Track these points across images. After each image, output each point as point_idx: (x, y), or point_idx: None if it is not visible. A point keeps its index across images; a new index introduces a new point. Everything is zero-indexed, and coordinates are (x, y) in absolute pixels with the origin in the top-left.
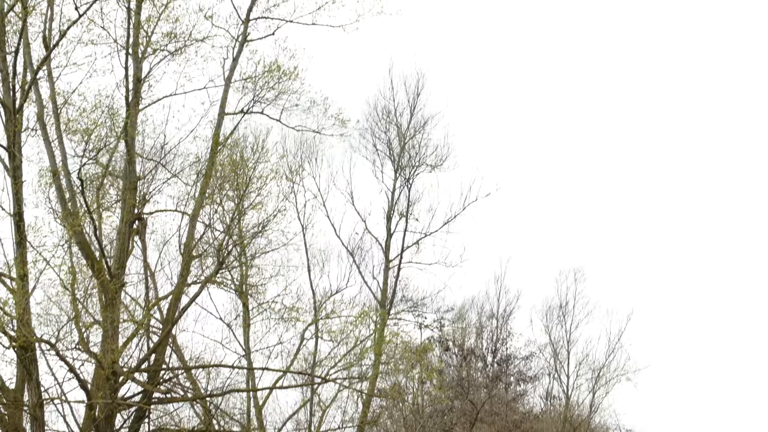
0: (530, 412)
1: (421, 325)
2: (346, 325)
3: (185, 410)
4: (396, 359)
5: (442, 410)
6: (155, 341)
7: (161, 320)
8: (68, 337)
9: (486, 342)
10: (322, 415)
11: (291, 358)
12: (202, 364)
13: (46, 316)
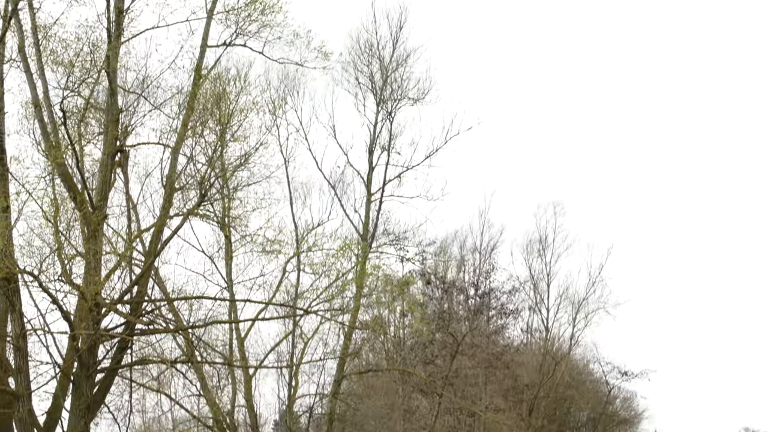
0: (511, 345)
1: (402, 258)
2: (327, 257)
3: (167, 342)
4: (377, 292)
5: (423, 342)
6: (137, 273)
7: (143, 252)
8: (51, 268)
9: (468, 275)
10: (304, 347)
11: (273, 291)
12: (185, 296)
13: (29, 247)
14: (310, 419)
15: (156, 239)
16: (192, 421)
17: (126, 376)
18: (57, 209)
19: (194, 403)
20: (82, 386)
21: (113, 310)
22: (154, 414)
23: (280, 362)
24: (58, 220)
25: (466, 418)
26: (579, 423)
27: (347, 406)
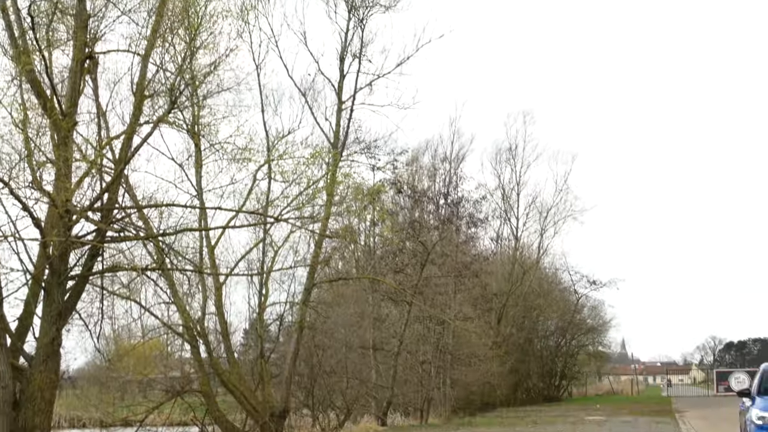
0: (480, 255)
1: (373, 167)
2: (298, 165)
3: (138, 250)
4: (348, 200)
5: (393, 251)
6: (108, 181)
7: (114, 160)
8: (21, 175)
9: (438, 185)
10: (274, 255)
11: (243, 199)
12: (155, 203)
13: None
14: (280, 327)
15: (126, 146)
16: (162, 328)
17: (96, 283)
18: (26, 115)
19: (164, 311)
20: (53, 293)
21: (84, 218)
22: (124, 321)
23: (251, 270)
24: (28, 127)
25: (436, 327)
26: (547, 331)
27: (317, 314)
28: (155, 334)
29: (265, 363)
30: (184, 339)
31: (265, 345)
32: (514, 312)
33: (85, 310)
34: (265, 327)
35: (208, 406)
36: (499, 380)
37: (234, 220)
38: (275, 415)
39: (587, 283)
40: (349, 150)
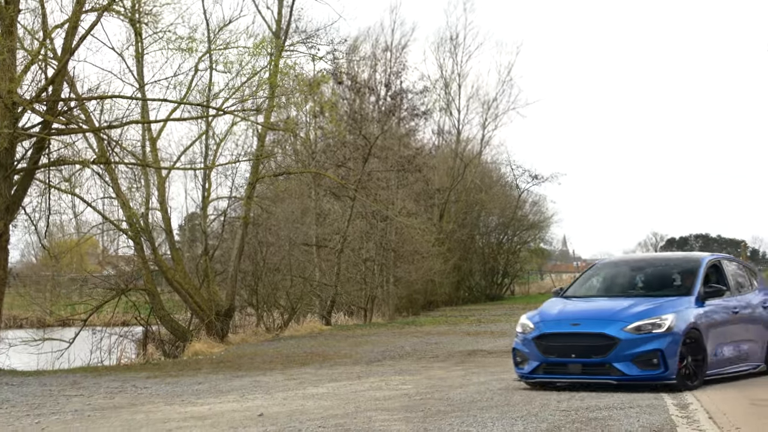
0: (423, 148)
1: (314, 57)
2: (242, 56)
3: (80, 144)
4: (290, 92)
5: (335, 145)
6: (53, 72)
7: (53, 52)
8: None
9: (380, 75)
10: (217, 148)
11: (185, 90)
12: (100, 95)
13: None
14: (224, 222)
15: (71, 36)
16: (105, 224)
17: (40, 178)
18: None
19: (107, 207)
20: (0, 187)
21: (30, 109)
22: (67, 217)
23: (194, 163)
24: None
25: (379, 223)
26: (489, 228)
27: (261, 209)
28: (98, 230)
29: (209, 260)
30: (127, 235)
31: (209, 242)
32: (456, 208)
33: (30, 205)
34: (209, 223)
35: (152, 305)
36: (441, 278)
37: (177, 112)
38: (221, 314)
39: (529, 177)
40: (291, 39)
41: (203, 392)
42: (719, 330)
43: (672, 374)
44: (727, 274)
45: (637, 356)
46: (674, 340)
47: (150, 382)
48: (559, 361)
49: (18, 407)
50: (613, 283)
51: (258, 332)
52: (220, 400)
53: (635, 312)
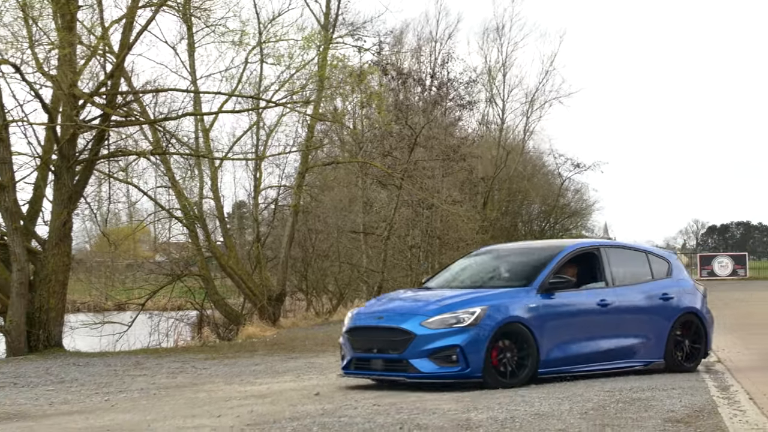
0: (467, 138)
1: (361, 49)
2: (291, 48)
3: (138, 135)
4: (338, 83)
5: (381, 135)
6: (112, 67)
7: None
8: (31, 61)
9: (425, 66)
10: (268, 138)
11: (236, 83)
12: (156, 88)
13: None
14: (275, 210)
15: (128, 32)
16: (159, 211)
17: (100, 169)
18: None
19: (162, 195)
20: (63, 177)
21: (90, 102)
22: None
23: (245, 153)
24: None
25: (424, 211)
26: (531, 215)
27: (311, 198)
28: (152, 218)
29: (260, 247)
30: (182, 223)
31: (260, 229)
32: (500, 196)
33: (90, 194)
34: (260, 211)
35: (207, 290)
36: None
37: (229, 104)
38: (272, 299)
39: (571, 166)
40: (339, 32)
41: (260, 372)
42: (570, 324)
43: (476, 372)
44: (607, 263)
45: (433, 352)
46: (479, 336)
47: (208, 363)
48: (364, 356)
49: (86, 386)
50: (471, 273)
51: (308, 317)
52: (277, 380)
53: (441, 306)
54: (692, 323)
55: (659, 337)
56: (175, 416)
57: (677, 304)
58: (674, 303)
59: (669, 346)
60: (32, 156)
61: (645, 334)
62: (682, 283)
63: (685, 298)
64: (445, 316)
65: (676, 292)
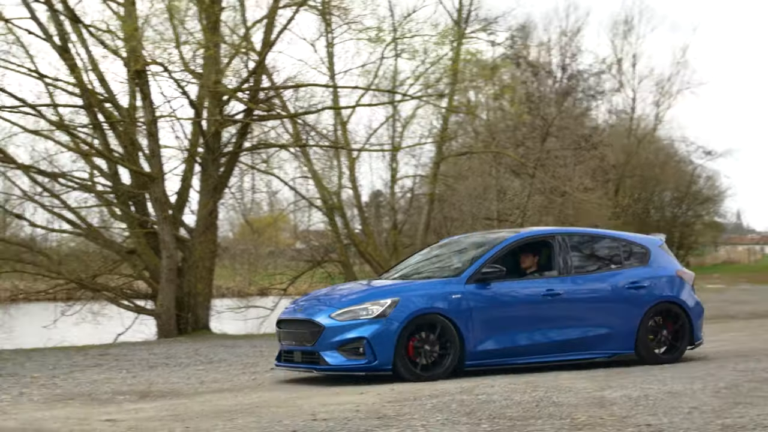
0: (598, 127)
1: (493, 43)
2: (426, 44)
3: (279, 128)
4: (471, 76)
5: (514, 125)
6: (251, 65)
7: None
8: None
9: (556, 58)
10: (403, 130)
11: (372, 77)
12: (296, 83)
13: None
14: (411, 199)
15: (269, 30)
16: (299, 201)
17: (243, 161)
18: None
19: (302, 185)
20: (209, 168)
21: (234, 98)
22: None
23: (381, 145)
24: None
25: (557, 198)
26: (663, 202)
27: (446, 186)
28: (293, 207)
29: (397, 234)
30: (321, 211)
31: (397, 217)
32: (631, 183)
33: (234, 185)
34: (396, 200)
35: (346, 275)
36: None
37: (366, 98)
38: None
39: (703, 153)
40: (471, 27)
41: None
42: (507, 315)
43: (384, 364)
44: (562, 252)
45: (341, 344)
46: (387, 328)
47: None
48: (287, 348)
49: (234, 366)
50: (424, 264)
51: None
52: None
53: (352, 298)
54: (671, 312)
55: (627, 327)
56: (319, 394)
57: (650, 293)
58: (646, 292)
59: (641, 336)
60: (180, 149)
61: (607, 324)
62: (660, 271)
63: (661, 286)
64: (353, 308)
65: (650, 280)
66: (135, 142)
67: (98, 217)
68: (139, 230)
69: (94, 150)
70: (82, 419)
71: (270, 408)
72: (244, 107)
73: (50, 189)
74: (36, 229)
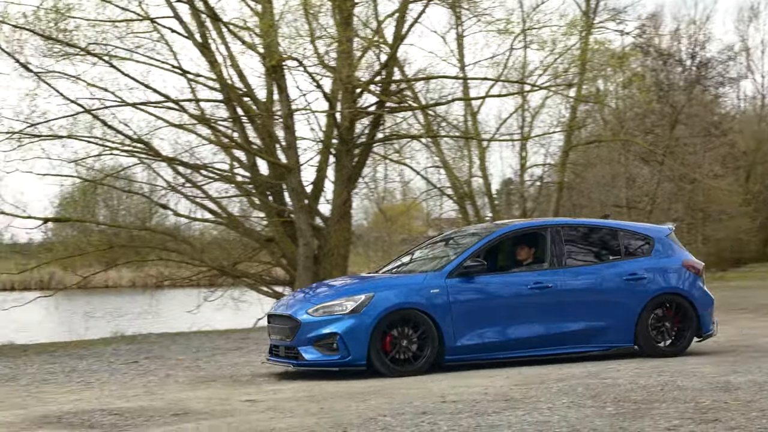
0: (727, 114)
1: (622, 32)
2: (554, 34)
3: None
4: (600, 66)
5: (643, 113)
6: (383, 58)
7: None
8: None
9: (684, 46)
10: (532, 120)
11: (501, 69)
12: (427, 75)
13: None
14: (540, 187)
15: (400, 24)
16: (431, 189)
17: (376, 151)
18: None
19: (433, 174)
20: (343, 159)
21: (367, 90)
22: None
23: (511, 134)
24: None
25: (686, 185)
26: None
27: (574, 175)
28: (424, 196)
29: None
30: (452, 200)
31: (526, 205)
32: (763, 170)
33: (368, 175)
34: (526, 188)
35: None
36: (749, 236)
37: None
38: None
39: None
40: (600, 17)
41: None
42: (491, 309)
43: (358, 360)
44: (554, 244)
45: (317, 340)
46: (361, 323)
47: None
48: (274, 343)
49: None
50: (419, 258)
51: None
52: None
53: (329, 293)
54: (674, 304)
55: (625, 320)
56: (449, 377)
57: (651, 284)
58: (646, 283)
59: (641, 329)
60: (315, 141)
61: (602, 317)
62: (664, 262)
63: (664, 277)
64: (328, 303)
65: (652, 271)
66: (272, 135)
67: (238, 207)
68: (276, 219)
69: (233, 142)
70: (223, 399)
71: (401, 390)
72: (376, 99)
73: (192, 180)
74: (179, 218)
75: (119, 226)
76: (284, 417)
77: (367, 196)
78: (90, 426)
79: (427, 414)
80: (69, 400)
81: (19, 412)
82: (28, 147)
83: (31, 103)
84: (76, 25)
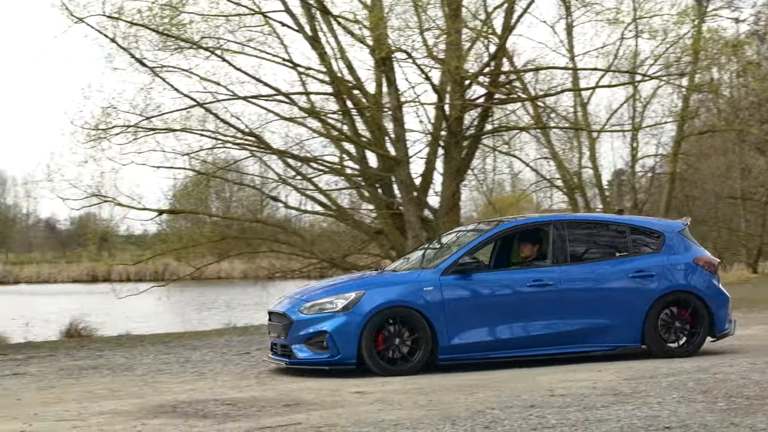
0: None
1: (736, 20)
2: (666, 23)
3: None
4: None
5: (759, 102)
6: (492, 49)
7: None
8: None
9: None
10: (643, 110)
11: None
12: (536, 66)
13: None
14: (652, 178)
15: (509, 15)
16: (540, 181)
17: (485, 143)
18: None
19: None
20: (452, 152)
21: (476, 82)
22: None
23: (621, 125)
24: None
25: None
26: None
27: (687, 165)
28: (533, 188)
29: (639, 213)
30: (562, 191)
31: (637, 196)
32: None
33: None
34: (637, 179)
35: None
36: None
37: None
38: None
39: None
40: (713, 5)
41: None
42: (488, 308)
43: (348, 359)
44: (557, 240)
45: (308, 338)
46: (351, 321)
47: None
48: (273, 341)
49: None
50: (428, 256)
51: None
52: None
53: (321, 291)
54: (685, 302)
55: (631, 318)
56: (557, 371)
57: (661, 281)
58: (655, 280)
59: (648, 328)
60: (423, 133)
61: (607, 315)
62: (674, 259)
63: (675, 274)
64: (319, 301)
65: (662, 268)
66: (381, 127)
67: (347, 199)
68: (385, 211)
69: (343, 135)
70: (333, 390)
71: (509, 383)
72: (485, 91)
73: (302, 173)
74: (290, 210)
75: (231, 218)
76: (393, 409)
77: (476, 187)
78: (204, 416)
79: (536, 407)
80: (183, 390)
81: (136, 401)
82: (143, 140)
83: (146, 97)
84: (190, 19)
